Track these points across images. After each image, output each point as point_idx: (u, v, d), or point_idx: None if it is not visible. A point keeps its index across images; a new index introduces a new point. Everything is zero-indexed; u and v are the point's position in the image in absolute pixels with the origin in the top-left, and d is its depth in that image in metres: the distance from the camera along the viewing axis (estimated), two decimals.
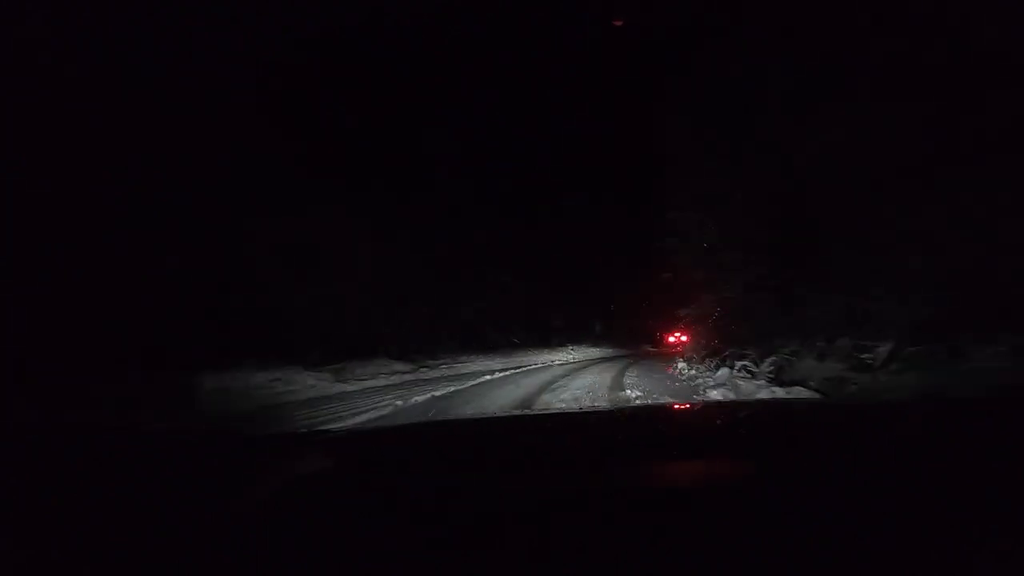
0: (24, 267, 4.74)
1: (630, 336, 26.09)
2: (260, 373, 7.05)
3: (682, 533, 0.74)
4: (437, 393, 7.59)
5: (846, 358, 5.92)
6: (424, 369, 10.45)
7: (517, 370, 12.50)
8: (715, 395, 6.53)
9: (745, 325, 8.73)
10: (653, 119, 11.59)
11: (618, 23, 9.82)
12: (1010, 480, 0.82)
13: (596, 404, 6.32)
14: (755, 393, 6.25)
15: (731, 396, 6.35)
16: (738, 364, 7.99)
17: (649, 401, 6.46)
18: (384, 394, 7.50)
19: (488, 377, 10.22)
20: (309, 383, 7.79)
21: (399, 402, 6.63)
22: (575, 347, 20.26)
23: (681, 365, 11.38)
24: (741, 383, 7.13)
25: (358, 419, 5.57)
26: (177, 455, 1.17)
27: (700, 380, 8.53)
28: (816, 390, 5.54)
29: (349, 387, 8.20)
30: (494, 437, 1.54)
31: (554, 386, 8.73)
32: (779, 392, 5.99)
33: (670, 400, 6.44)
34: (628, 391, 7.49)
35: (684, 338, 17.24)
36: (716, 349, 9.81)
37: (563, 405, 6.48)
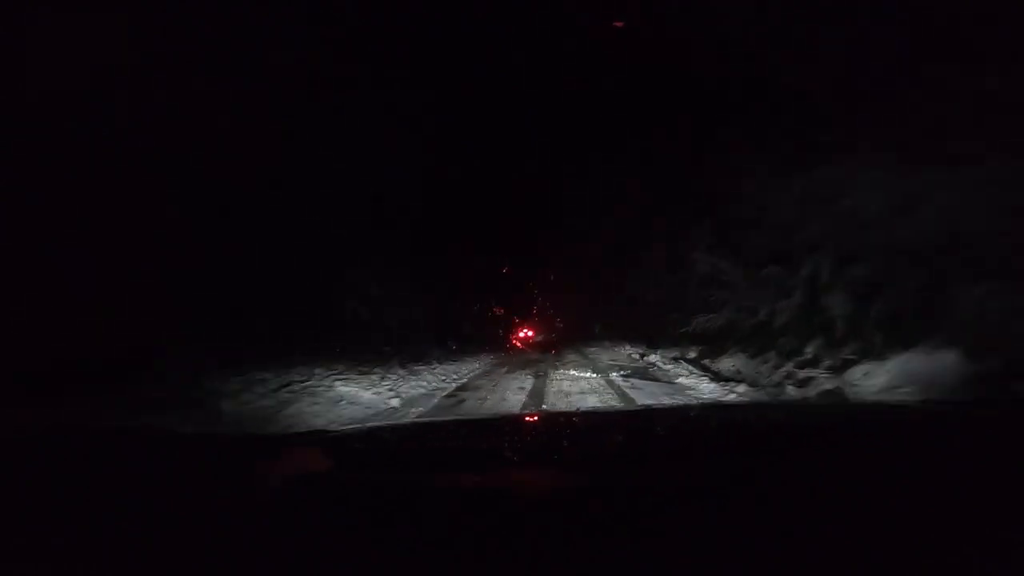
0: (28, 268, 4.74)
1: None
2: None
3: (681, 535, 0.74)
4: None
5: None
6: None
7: None
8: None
9: None
10: None
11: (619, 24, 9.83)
12: (1008, 483, 0.83)
13: (593, 407, 6.32)
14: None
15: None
16: None
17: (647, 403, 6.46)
18: None
19: None
20: None
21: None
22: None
23: None
24: None
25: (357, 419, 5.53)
26: (177, 455, 1.17)
27: None
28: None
29: None
30: (494, 437, 1.54)
31: None
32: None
33: (666, 403, 6.45)
34: None
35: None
36: None
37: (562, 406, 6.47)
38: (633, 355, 10.88)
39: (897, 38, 5.77)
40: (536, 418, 2.60)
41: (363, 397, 6.40)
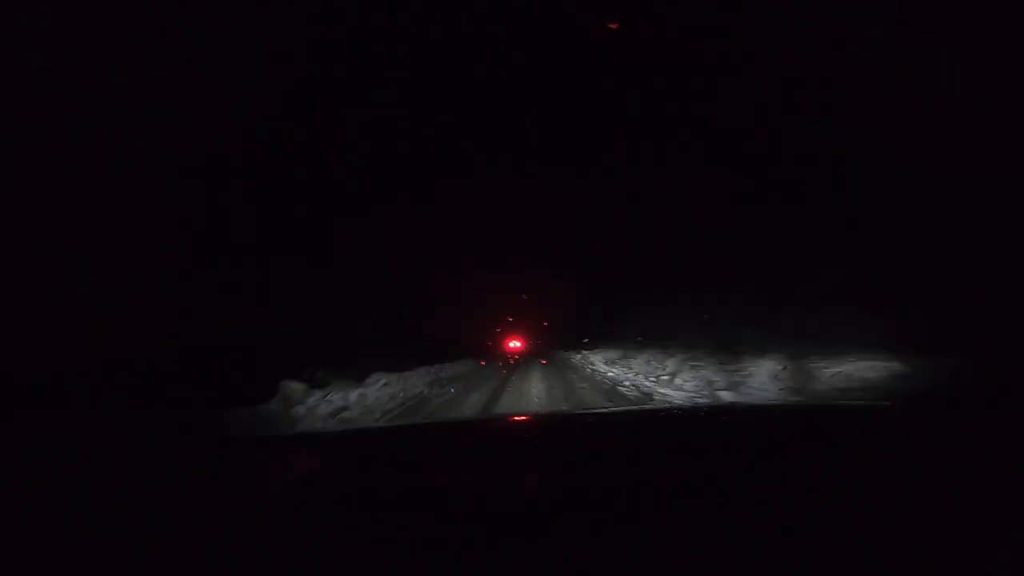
0: (29, 269, 4.73)
1: None
2: None
3: (681, 535, 0.74)
4: None
5: None
6: None
7: None
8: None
9: None
10: None
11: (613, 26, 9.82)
12: (1008, 483, 0.83)
13: (592, 407, 6.31)
14: None
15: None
16: None
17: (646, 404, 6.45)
18: None
19: None
20: None
21: None
22: None
23: None
24: None
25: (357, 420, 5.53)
26: (177, 456, 1.17)
27: None
28: None
29: None
30: (492, 438, 1.54)
31: None
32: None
33: (665, 403, 6.43)
34: None
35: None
36: None
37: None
38: None
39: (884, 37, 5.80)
40: (535, 418, 2.60)
41: None
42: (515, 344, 27.15)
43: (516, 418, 2.74)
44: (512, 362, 16.57)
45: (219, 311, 6.81)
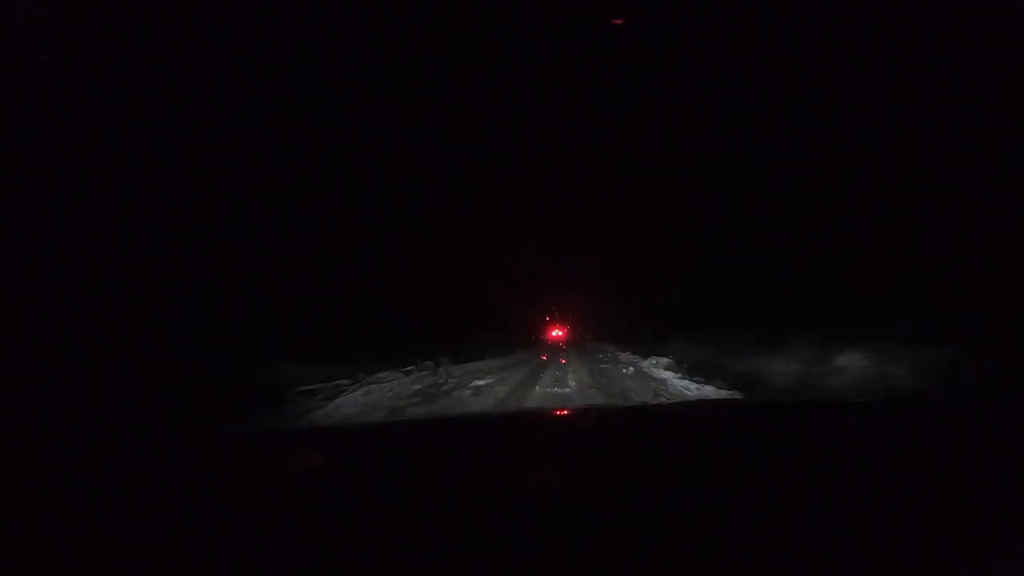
0: (33, 268, 4.74)
1: None
2: None
3: (681, 534, 0.74)
4: None
5: None
6: None
7: None
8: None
9: None
10: None
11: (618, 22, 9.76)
12: (996, 479, 0.83)
13: (590, 402, 6.31)
14: None
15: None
16: None
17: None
18: None
19: None
20: None
21: None
22: None
23: None
24: None
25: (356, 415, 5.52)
26: (176, 453, 1.17)
27: None
28: None
29: None
30: (491, 435, 1.53)
31: None
32: None
33: (663, 401, 6.43)
34: None
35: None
36: None
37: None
38: None
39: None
40: (530, 415, 2.59)
41: None
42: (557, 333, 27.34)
43: (512, 415, 2.73)
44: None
45: (242, 307, 6.82)
